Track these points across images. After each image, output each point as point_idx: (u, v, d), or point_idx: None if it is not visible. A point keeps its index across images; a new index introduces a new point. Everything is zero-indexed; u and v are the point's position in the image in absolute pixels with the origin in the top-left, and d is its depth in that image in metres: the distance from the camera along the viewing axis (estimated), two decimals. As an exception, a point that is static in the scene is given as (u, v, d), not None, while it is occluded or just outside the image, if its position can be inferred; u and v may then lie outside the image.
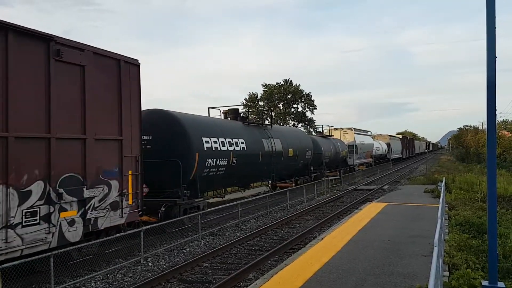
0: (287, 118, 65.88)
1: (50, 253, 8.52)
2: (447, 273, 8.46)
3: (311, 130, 63.30)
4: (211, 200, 17.97)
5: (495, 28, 6.97)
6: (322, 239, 11.75)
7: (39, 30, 8.94)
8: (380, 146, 56.75)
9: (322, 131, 38.52)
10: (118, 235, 10.88)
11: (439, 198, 16.20)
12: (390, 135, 67.87)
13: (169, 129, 15.15)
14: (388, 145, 62.61)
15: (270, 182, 23.44)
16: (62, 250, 8.95)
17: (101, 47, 10.53)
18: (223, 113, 21.32)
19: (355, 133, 42.78)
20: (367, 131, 51.79)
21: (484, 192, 19.47)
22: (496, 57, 6.94)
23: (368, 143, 48.21)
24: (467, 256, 9.43)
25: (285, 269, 8.96)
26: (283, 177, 25.94)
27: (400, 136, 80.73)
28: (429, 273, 5.16)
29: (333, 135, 38.91)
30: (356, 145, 41.63)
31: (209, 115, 20.16)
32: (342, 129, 42.85)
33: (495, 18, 6.98)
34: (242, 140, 19.17)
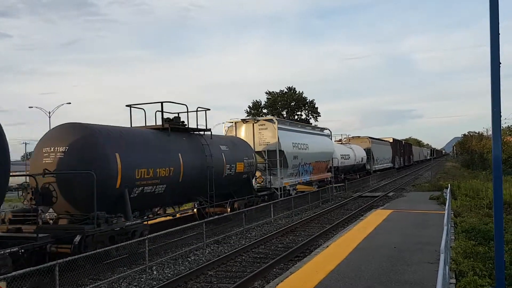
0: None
1: (55, 262, 8.53)
2: (454, 281, 8.39)
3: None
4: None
5: (499, 34, 6.96)
6: (327, 246, 11.69)
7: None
8: (351, 154, 40.26)
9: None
10: (123, 243, 10.88)
11: (445, 205, 16.11)
12: (372, 138, 49.88)
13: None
14: (368, 151, 46.33)
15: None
16: (69, 259, 8.96)
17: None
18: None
19: (279, 128, 22.78)
20: (323, 129, 32.68)
21: (490, 199, 19.34)
22: (500, 63, 6.92)
23: (319, 148, 28.34)
24: (474, 263, 9.35)
25: (290, 277, 8.92)
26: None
27: (390, 139, 60.90)
28: (436, 281, 5.13)
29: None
30: (283, 152, 22.63)
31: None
32: (255, 120, 23.50)
33: (498, 24, 6.98)
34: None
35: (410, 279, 8.48)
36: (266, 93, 69.55)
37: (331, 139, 32.95)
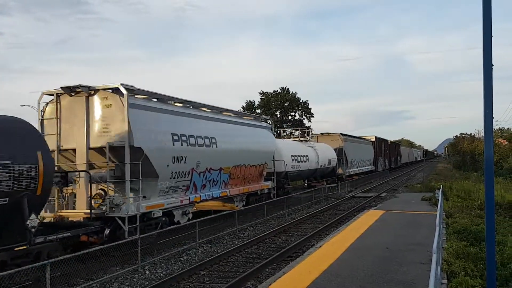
0: (284, 126, 66.00)
1: (47, 261, 8.47)
2: (445, 281, 8.44)
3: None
4: None
5: (492, 36, 7.02)
6: (320, 247, 11.71)
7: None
8: (311, 155, 30.20)
9: None
10: (115, 243, 10.82)
11: (437, 206, 16.20)
12: (346, 135, 41.10)
13: None
14: (339, 151, 37.20)
15: None
16: (59, 258, 8.90)
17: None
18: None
19: (133, 105, 12.80)
20: (259, 118, 23.52)
21: (481, 200, 19.49)
22: (493, 65, 6.98)
23: (245, 145, 19.59)
24: (465, 263, 9.41)
25: (283, 277, 8.92)
26: None
27: (372, 137, 51.71)
28: (428, 281, 5.15)
29: None
30: (141, 150, 12.68)
31: None
32: (90, 90, 12.86)
33: (491, 27, 7.03)
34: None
35: (403, 279, 8.52)
36: (260, 93, 69.56)
37: (271, 132, 22.76)
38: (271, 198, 22.06)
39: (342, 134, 39.66)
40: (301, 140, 33.05)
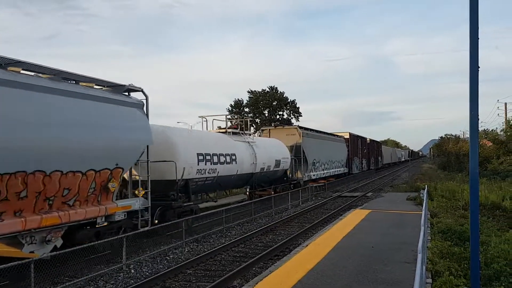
0: (272, 125, 66.00)
1: (31, 259, 8.36)
2: (430, 280, 8.52)
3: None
4: None
5: (478, 38, 7.10)
6: (307, 246, 11.75)
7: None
8: (244, 154, 20.95)
9: None
10: (100, 241, 10.72)
11: (421, 206, 16.37)
12: (306, 129, 33.08)
13: None
14: (296, 150, 29.49)
15: None
16: (43, 256, 8.78)
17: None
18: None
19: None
20: (122, 86, 12.40)
21: (465, 200, 19.76)
22: (479, 67, 7.07)
23: (88, 133, 10.60)
24: (449, 263, 9.52)
25: (269, 276, 8.93)
26: None
27: (345, 134, 44.61)
28: (413, 280, 5.19)
29: None
30: None
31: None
32: None
33: (478, 29, 7.12)
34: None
35: (388, 278, 8.59)
36: (248, 92, 69.49)
37: (145, 114, 12.97)
38: (136, 228, 12.53)
39: (300, 128, 31.42)
40: (232, 133, 21.58)
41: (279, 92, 69.13)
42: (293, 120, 68.55)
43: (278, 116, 68.25)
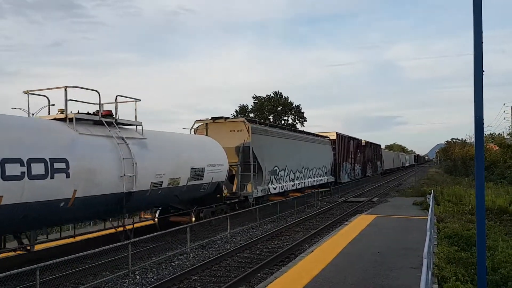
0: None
1: (36, 265, 8.38)
2: (436, 286, 8.47)
3: None
4: None
5: (482, 42, 7.09)
6: (312, 251, 11.71)
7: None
8: (109, 159, 11.88)
9: None
10: (105, 247, 10.73)
11: (428, 211, 16.28)
12: (260, 123, 25.26)
13: None
14: (244, 153, 20.76)
15: None
16: (49, 263, 8.81)
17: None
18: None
19: None
20: None
21: (472, 205, 19.62)
22: (483, 71, 7.05)
23: None
24: (456, 268, 9.46)
25: (274, 282, 8.89)
26: None
27: (332, 134, 36.56)
28: (419, 286, 5.15)
29: None
30: None
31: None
32: None
33: (482, 33, 7.11)
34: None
35: (394, 284, 8.52)
36: (253, 97, 69.68)
37: None
38: None
39: (249, 121, 22.24)
40: (94, 122, 12.36)
41: (283, 97, 69.28)
42: (298, 125, 68.59)
43: (283, 121, 68.30)
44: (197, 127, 21.92)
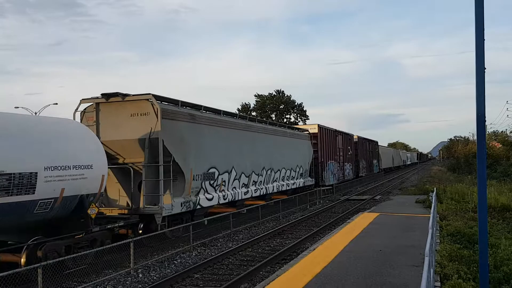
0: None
1: (38, 265, 8.42)
2: (438, 283, 8.46)
3: None
4: None
5: (484, 40, 7.06)
6: (314, 249, 11.71)
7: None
8: None
9: None
10: (108, 246, 10.77)
11: (430, 208, 16.26)
12: (177, 101, 15.20)
13: None
14: (155, 148, 13.66)
15: None
16: (52, 261, 8.84)
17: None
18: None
19: None
20: None
21: (475, 203, 19.57)
22: (485, 68, 7.03)
23: None
24: (458, 266, 9.45)
25: (277, 280, 8.90)
26: None
27: (313, 127, 30.87)
28: (420, 284, 5.15)
29: None
30: None
31: None
32: None
33: (484, 30, 7.09)
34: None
35: (396, 282, 8.52)
36: (255, 96, 69.72)
37: None
38: None
39: (159, 99, 14.45)
40: None
41: (286, 95, 69.27)
42: (300, 123, 68.41)
43: (285, 120, 68.29)
44: (84, 109, 14.87)
